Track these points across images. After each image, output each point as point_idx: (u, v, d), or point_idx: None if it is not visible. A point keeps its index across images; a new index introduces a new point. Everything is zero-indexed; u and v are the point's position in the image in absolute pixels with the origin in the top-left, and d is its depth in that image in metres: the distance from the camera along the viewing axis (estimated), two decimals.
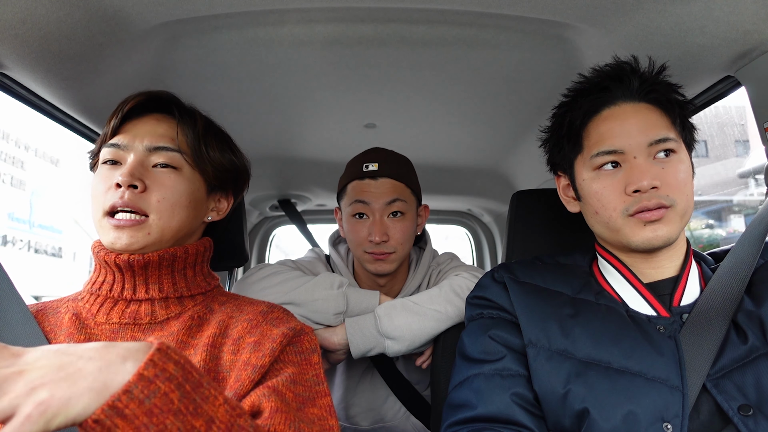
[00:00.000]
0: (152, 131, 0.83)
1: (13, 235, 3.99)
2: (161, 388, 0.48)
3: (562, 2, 0.91)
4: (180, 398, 0.48)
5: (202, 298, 0.85)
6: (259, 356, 0.73)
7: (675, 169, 0.79)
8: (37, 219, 4.23)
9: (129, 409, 0.46)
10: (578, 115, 0.86)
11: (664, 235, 0.78)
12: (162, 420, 0.47)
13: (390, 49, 1.14)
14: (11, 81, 0.98)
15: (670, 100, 0.83)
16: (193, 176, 0.85)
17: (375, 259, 1.21)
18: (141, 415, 0.46)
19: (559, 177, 0.95)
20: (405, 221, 1.23)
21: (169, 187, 0.81)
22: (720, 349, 0.75)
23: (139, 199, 0.78)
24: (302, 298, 1.12)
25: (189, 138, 0.85)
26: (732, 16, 0.87)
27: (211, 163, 0.87)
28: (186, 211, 0.83)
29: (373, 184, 1.21)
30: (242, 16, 1.01)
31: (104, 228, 0.79)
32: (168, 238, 0.81)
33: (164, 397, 0.48)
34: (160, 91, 0.88)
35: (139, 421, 0.46)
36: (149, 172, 0.81)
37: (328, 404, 0.73)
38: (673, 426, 0.70)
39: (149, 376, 0.47)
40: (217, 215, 0.93)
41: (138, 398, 0.46)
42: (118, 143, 0.82)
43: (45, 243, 4.19)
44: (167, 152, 0.82)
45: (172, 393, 0.48)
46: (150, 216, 0.79)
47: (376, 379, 1.31)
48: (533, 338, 0.83)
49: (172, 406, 0.48)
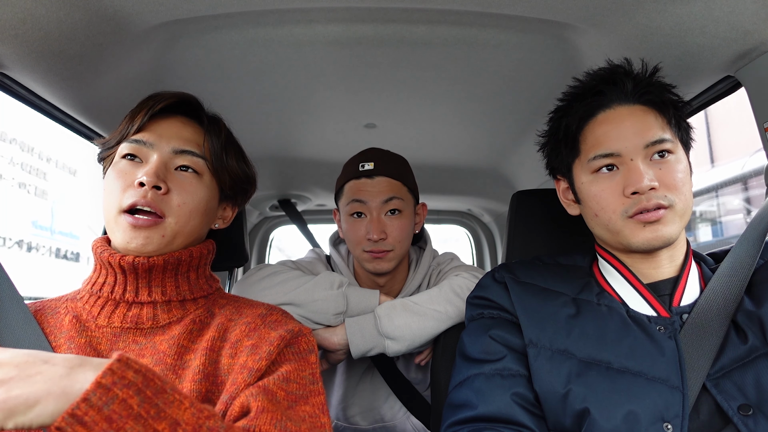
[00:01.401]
0: (178, 134, 0.83)
1: (37, 241, 4.20)
2: (119, 395, 0.49)
3: (562, 2, 0.91)
4: (139, 403, 0.50)
5: (204, 301, 0.84)
6: (255, 359, 0.72)
7: (672, 169, 0.80)
8: (58, 226, 4.42)
9: (88, 416, 0.47)
10: (574, 119, 0.86)
11: (664, 236, 0.78)
12: (122, 425, 0.48)
13: (390, 49, 1.14)
14: (11, 81, 0.98)
15: (665, 101, 0.84)
16: (211, 184, 0.86)
17: (373, 257, 1.21)
18: (101, 422, 0.47)
19: (558, 181, 0.96)
20: (402, 219, 1.23)
21: (190, 192, 0.81)
22: (720, 349, 0.75)
23: (160, 201, 0.78)
24: (302, 298, 1.12)
25: (214, 146, 0.86)
26: (732, 16, 0.87)
27: (229, 173, 0.88)
28: (200, 218, 0.84)
29: (369, 183, 1.22)
30: (242, 16, 1.01)
31: (119, 225, 0.77)
32: (179, 243, 0.81)
33: (122, 403, 0.49)
34: (187, 95, 0.88)
35: (98, 428, 0.47)
36: (171, 174, 0.81)
37: (321, 402, 0.72)
38: (673, 426, 0.70)
39: (107, 384, 0.49)
40: (222, 223, 0.94)
41: (96, 405, 0.48)
42: (143, 140, 0.81)
43: (65, 249, 4.39)
44: (192, 157, 0.83)
45: (131, 399, 0.49)
46: (168, 218, 0.79)
47: (377, 379, 1.31)
48: (534, 338, 0.83)
49: (131, 411, 0.49)
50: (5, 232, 3.80)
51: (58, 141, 4.09)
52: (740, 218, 6.61)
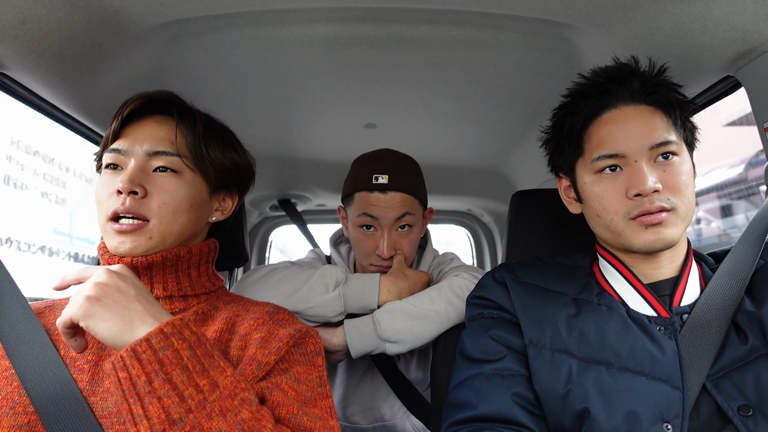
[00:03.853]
0: (152, 135, 0.83)
1: (57, 247, 4.44)
2: (174, 345, 0.58)
3: (562, 2, 0.91)
4: (189, 357, 0.58)
5: (206, 297, 0.85)
6: (264, 353, 0.73)
7: (676, 171, 0.79)
8: (76, 232, 4.65)
9: (146, 355, 0.57)
10: (579, 118, 0.85)
11: (666, 238, 0.78)
12: (170, 371, 0.57)
13: (390, 49, 1.14)
14: (11, 81, 0.98)
15: (671, 102, 0.83)
16: (194, 179, 0.85)
17: (380, 270, 1.22)
18: (154, 362, 0.57)
19: (561, 178, 0.95)
20: (413, 233, 1.23)
21: (169, 192, 0.81)
22: (720, 349, 0.75)
23: (139, 205, 0.78)
24: (297, 306, 1.11)
25: (189, 140, 0.84)
26: (732, 16, 0.87)
27: (213, 165, 0.86)
28: (188, 215, 0.83)
29: (382, 198, 1.19)
30: (242, 16, 1.01)
31: (108, 233, 0.79)
32: (171, 241, 0.81)
33: (176, 352, 0.58)
34: (159, 92, 0.87)
35: (151, 367, 0.56)
36: (150, 176, 0.81)
37: (329, 405, 0.73)
38: (673, 426, 0.70)
39: (167, 333, 0.59)
40: (222, 215, 0.92)
41: (154, 348, 0.57)
42: (119, 148, 0.82)
43: (82, 253, 4.60)
44: (167, 156, 0.82)
45: (183, 351, 0.58)
46: (151, 221, 0.79)
47: (377, 379, 1.31)
48: (534, 338, 0.83)
49: (181, 362, 0.58)
50: (30, 239, 4.06)
51: (75, 150, 4.27)
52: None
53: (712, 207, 7.32)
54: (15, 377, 0.70)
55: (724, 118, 7.29)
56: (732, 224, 7.09)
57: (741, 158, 7.04)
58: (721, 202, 7.29)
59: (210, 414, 0.56)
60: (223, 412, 0.57)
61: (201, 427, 0.55)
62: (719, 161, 7.23)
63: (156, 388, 0.56)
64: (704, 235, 7.25)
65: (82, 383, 0.71)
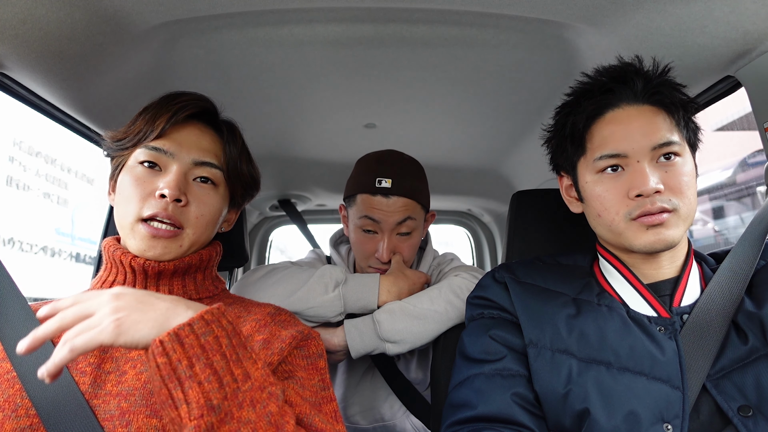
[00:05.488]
0: (198, 143, 0.83)
1: (59, 247, 4.48)
2: (215, 331, 0.58)
3: (562, 2, 0.91)
4: (228, 345, 0.59)
5: (209, 300, 0.86)
6: (267, 354, 0.74)
7: (678, 172, 0.79)
8: (78, 232, 4.69)
9: (188, 339, 0.56)
10: (581, 117, 0.85)
11: (667, 239, 0.78)
12: (211, 357, 0.56)
13: (390, 49, 1.14)
14: (11, 81, 0.98)
15: (675, 102, 0.82)
16: (225, 193, 0.87)
17: (379, 272, 1.22)
18: (196, 347, 0.56)
19: (562, 177, 0.95)
20: (413, 238, 1.23)
21: (207, 204, 0.82)
22: (720, 349, 0.75)
23: (180, 213, 0.79)
24: (298, 306, 1.11)
25: (230, 156, 0.86)
26: (732, 16, 0.86)
27: (242, 181, 0.89)
28: (214, 227, 0.85)
29: (384, 202, 1.18)
30: (242, 16, 1.01)
31: (137, 233, 0.77)
32: (192, 250, 0.83)
33: (216, 339, 0.58)
34: (206, 102, 0.87)
35: (192, 352, 0.56)
36: (190, 185, 0.81)
37: (334, 410, 0.73)
38: (673, 426, 0.70)
39: (208, 319, 0.59)
40: (228, 226, 0.95)
41: (196, 333, 0.57)
42: (163, 148, 0.80)
43: (84, 254, 4.65)
44: (211, 168, 0.83)
45: (222, 339, 0.58)
46: (186, 229, 0.80)
47: (377, 379, 1.31)
48: (534, 338, 0.83)
49: (220, 349, 0.58)
50: (32, 240, 4.11)
51: (76, 151, 4.32)
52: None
53: (704, 209, 7.43)
54: (17, 380, 0.70)
55: (713, 123, 7.45)
56: (723, 225, 7.20)
57: (731, 162, 7.12)
58: (713, 204, 7.40)
59: (241, 403, 0.57)
60: (253, 402, 0.57)
61: (232, 415, 0.55)
62: (709, 164, 7.32)
63: (197, 372, 0.55)
64: (696, 236, 7.33)
65: (84, 386, 0.71)
